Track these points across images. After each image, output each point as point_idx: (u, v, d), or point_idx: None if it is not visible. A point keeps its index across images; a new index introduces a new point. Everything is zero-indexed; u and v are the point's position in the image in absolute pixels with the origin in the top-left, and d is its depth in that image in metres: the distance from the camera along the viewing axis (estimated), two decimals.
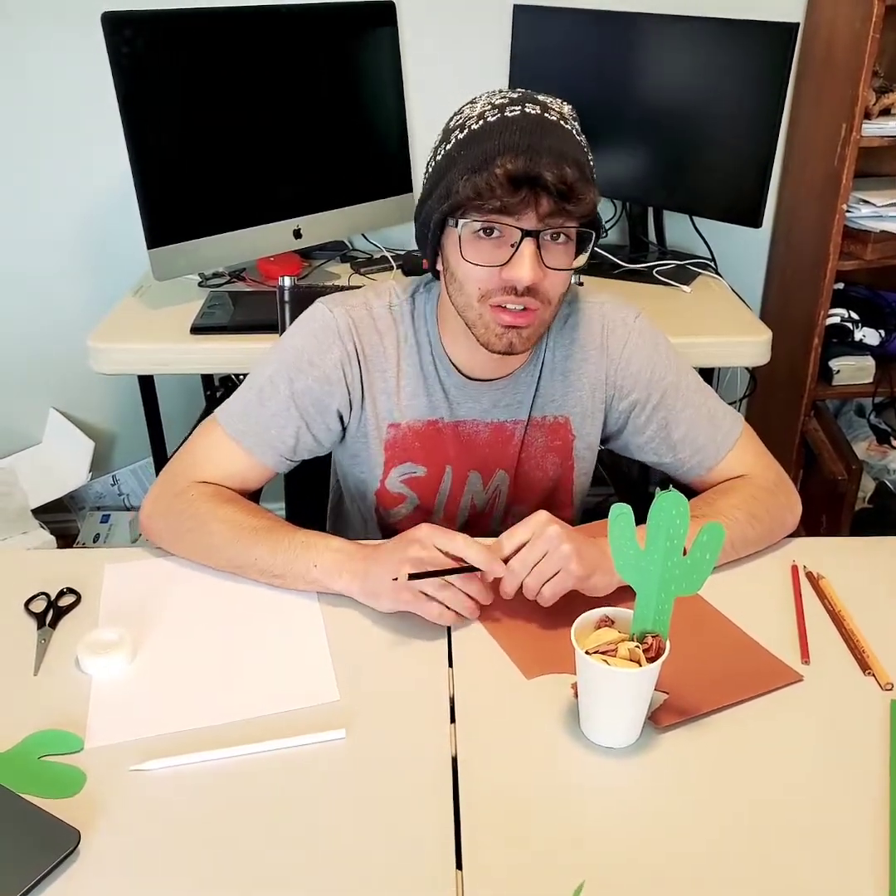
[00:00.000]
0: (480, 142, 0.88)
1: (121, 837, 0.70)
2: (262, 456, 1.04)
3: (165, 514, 1.02)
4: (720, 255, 1.98)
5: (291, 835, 0.70)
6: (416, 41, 1.93)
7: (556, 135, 0.88)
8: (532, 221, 0.88)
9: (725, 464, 1.08)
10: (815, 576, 1.00)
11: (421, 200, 0.97)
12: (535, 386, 1.07)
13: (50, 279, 2.08)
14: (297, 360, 1.02)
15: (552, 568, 0.87)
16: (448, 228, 0.93)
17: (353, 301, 1.05)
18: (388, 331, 1.04)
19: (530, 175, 0.85)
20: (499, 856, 0.69)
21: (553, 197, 0.87)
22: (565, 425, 1.09)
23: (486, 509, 1.13)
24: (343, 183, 1.86)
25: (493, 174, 0.86)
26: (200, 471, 1.03)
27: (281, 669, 0.87)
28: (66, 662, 0.87)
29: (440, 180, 0.92)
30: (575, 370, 1.07)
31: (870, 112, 1.78)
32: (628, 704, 0.76)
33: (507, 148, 0.86)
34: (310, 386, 1.02)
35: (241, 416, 1.04)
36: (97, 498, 2.34)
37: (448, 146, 0.93)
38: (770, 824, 0.71)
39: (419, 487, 1.10)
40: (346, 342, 1.02)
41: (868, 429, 2.22)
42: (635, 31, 1.80)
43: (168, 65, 1.61)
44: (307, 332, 1.03)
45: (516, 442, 1.09)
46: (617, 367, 1.07)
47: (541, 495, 1.13)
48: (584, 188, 0.88)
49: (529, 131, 0.87)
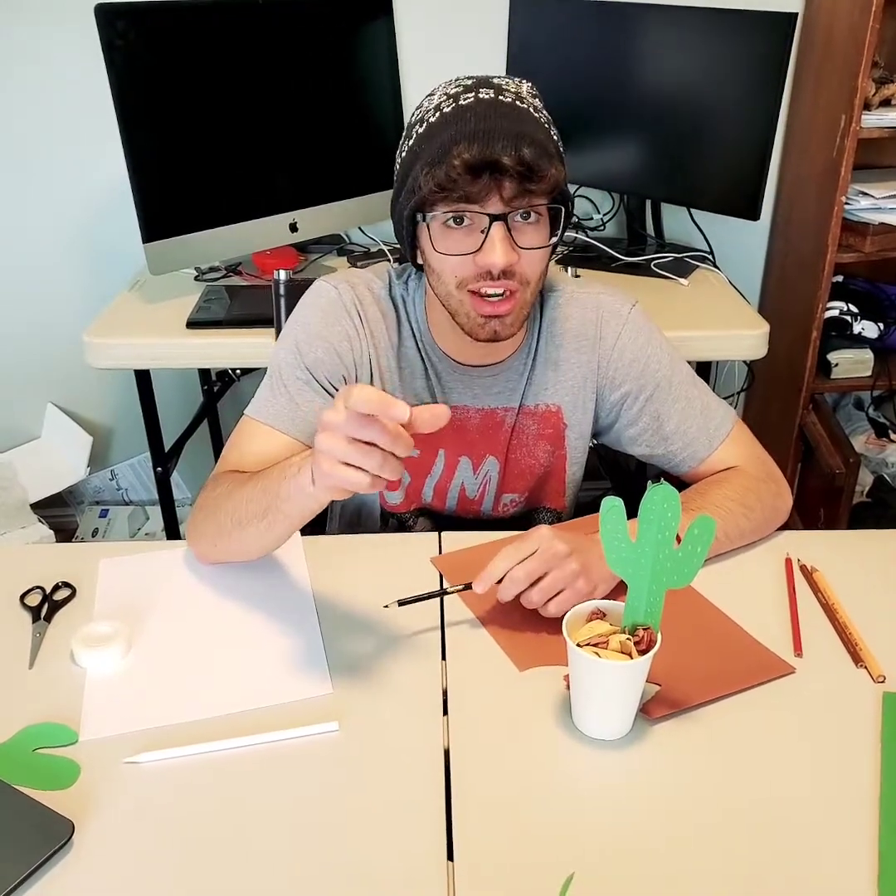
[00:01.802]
0: (438, 134, 0.89)
1: (114, 829, 0.70)
2: (294, 432, 1.02)
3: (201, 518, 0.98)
4: (718, 248, 1.98)
5: (284, 827, 0.71)
6: (413, 32, 1.92)
7: (510, 116, 0.88)
8: (498, 205, 0.89)
9: (717, 456, 1.08)
10: (808, 569, 1.00)
11: (392, 198, 0.98)
12: (527, 374, 1.07)
13: (46, 274, 2.08)
14: (306, 335, 1.03)
15: (558, 586, 0.87)
16: (419, 223, 0.94)
17: (355, 279, 1.06)
18: (388, 311, 1.06)
19: (487, 161, 0.86)
20: (490, 847, 0.69)
21: (514, 179, 0.87)
22: (557, 413, 1.10)
23: (477, 496, 1.14)
24: (339, 176, 1.86)
25: (451, 165, 0.86)
26: (234, 463, 1.01)
27: (274, 662, 0.87)
28: (61, 656, 0.87)
29: (406, 177, 0.93)
30: (568, 360, 1.07)
31: (869, 103, 1.78)
32: (619, 697, 0.76)
33: (462, 136, 0.87)
34: (321, 358, 1.03)
35: (268, 402, 1.03)
36: (96, 492, 2.35)
37: (410, 142, 0.94)
38: (761, 816, 0.72)
39: (410, 467, 1.10)
40: (353, 316, 1.04)
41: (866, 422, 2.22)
42: (633, 20, 1.79)
43: (162, 57, 1.60)
44: (314, 308, 1.04)
45: (507, 429, 1.09)
46: (609, 357, 1.07)
47: (532, 483, 1.14)
48: (545, 165, 0.87)
49: (483, 116, 0.87)
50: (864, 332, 2.01)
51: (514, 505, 1.15)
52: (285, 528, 0.89)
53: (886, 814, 0.71)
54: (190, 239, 1.70)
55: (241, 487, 0.92)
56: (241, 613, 0.93)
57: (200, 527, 0.98)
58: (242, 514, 0.91)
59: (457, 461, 1.11)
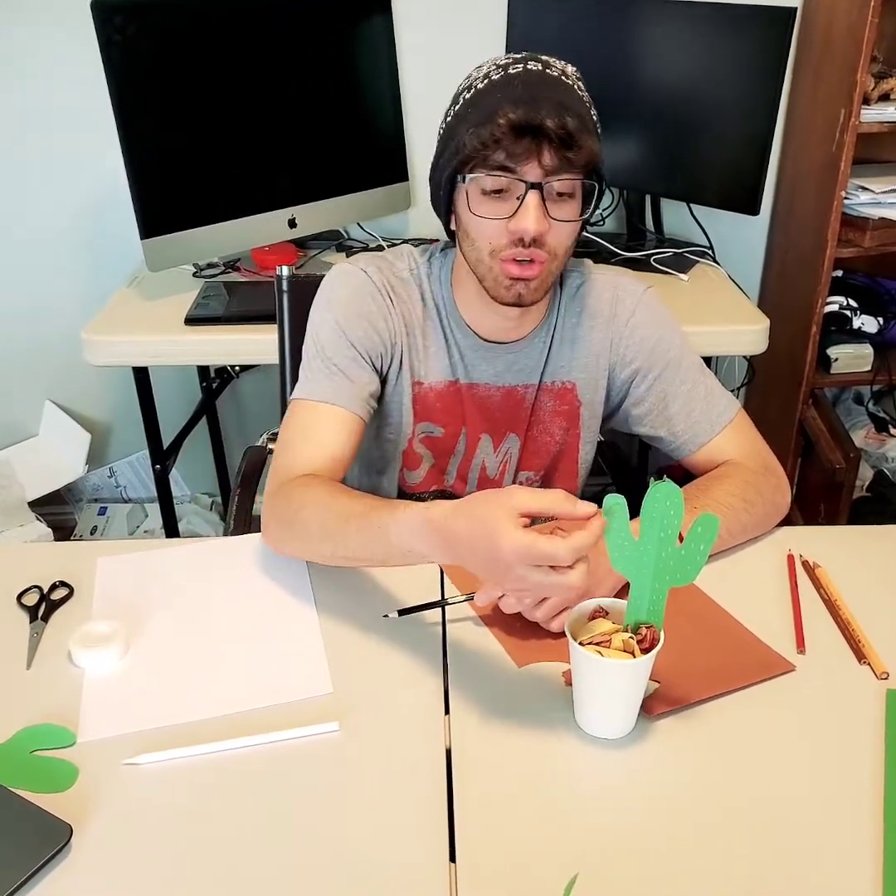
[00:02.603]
0: (485, 98, 0.92)
1: (113, 832, 0.70)
2: (359, 410, 1.02)
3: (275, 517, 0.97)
4: (718, 243, 1.97)
5: (284, 828, 0.70)
6: (411, 28, 1.91)
7: (557, 88, 0.92)
8: (536, 172, 0.91)
9: (718, 442, 1.09)
10: (811, 565, 0.99)
11: (433, 162, 1.00)
12: (546, 351, 1.09)
13: (44, 271, 2.07)
14: (345, 315, 1.04)
15: (563, 605, 0.86)
16: (458, 185, 0.96)
17: (380, 262, 1.08)
18: (412, 292, 1.07)
19: (532, 123, 0.88)
20: (492, 848, 0.68)
21: (555, 144, 0.89)
22: (572, 391, 1.11)
23: (497, 475, 1.15)
24: (338, 172, 1.85)
25: (496, 124, 0.89)
26: (303, 455, 0.99)
27: (274, 662, 0.86)
28: (59, 656, 0.87)
29: (450, 140, 0.96)
30: (583, 337, 1.09)
31: (868, 98, 1.77)
32: (622, 696, 0.76)
33: (509, 100, 0.89)
34: (361, 336, 1.04)
35: (323, 383, 1.02)
36: (94, 490, 2.34)
37: (457, 107, 0.96)
38: (764, 814, 0.71)
39: (435, 448, 1.12)
40: (385, 297, 1.05)
41: (866, 417, 2.21)
42: (632, 16, 1.78)
43: (160, 53, 1.59)
44: (348, 288, 1.05)
45: (527, 406, 1.11)
46: (622, 335, 1.09)
47: (548, 461, 1.15)
48: (586, 137, 0.90)
49: (530, 84, 0.91)
50: (864, 326, 2.00)
51: (529, 484, 1.17)
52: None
53: (891, 812, 0.71)
54: (188, 235, 1.69)
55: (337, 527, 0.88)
56: (240, 612, 0.93)
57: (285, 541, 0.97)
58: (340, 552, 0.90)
59: (478, 438, 1.12)
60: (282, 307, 1.28)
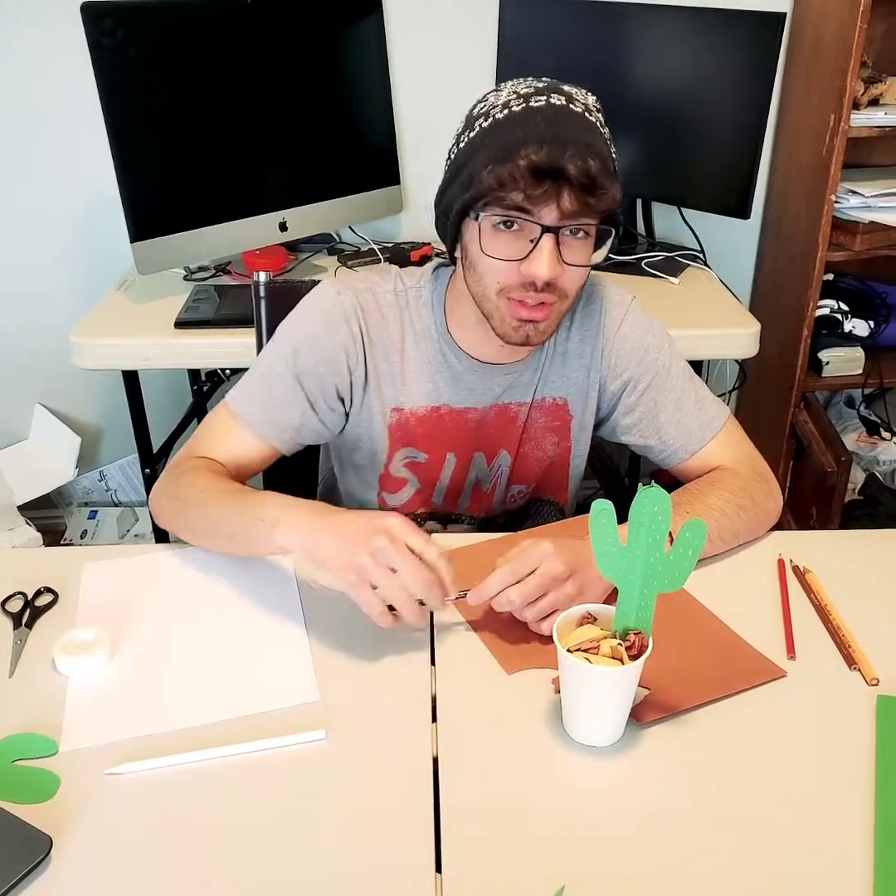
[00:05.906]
0: (505, 131, 0.88)
1: (95, 843, 0.69)
2: (268, 437, 1.03)
3: (164, 494, 1.03)
4: (709, 247, 1.97)
5: (270, 837, 0.69)
6: (403, 31, 1.91)
7: (580, 126, 0.88)
8: (553, 215, 0.88)
9: (708, 450, 1.08)
10: (801, 570, 0.99)
11: (442, 187, 0.97)
12: (540, 369, 1.08)
13: (33, 274, 2.06)
14: (303, 341, 1.03)
15: (554, 607, 0.85)
16: (468, 219, 0.93)
17: (360, 285, 1.05)
18: (393, 316, 1.04)
19: (554, 167, 0.85)
20: (479, 859, 0.68)
21: (576, 190, 0.86)
22: (564, 406, 1.10)
23: (489, 488, 1.15)
24: (329, 175, 1.85)
25: (516, 165, 0.85)
26: (204, 451, 1.04)
27: (260, 669, 0.85)
28: (43, 663, 0.86)
29: (461, 168, 0.92)
30: (573, 351, 1.08)
31: (858, 102, 1.77)
32: (610, 703, 0.75)
33: (531, 139, 0.85)
34: (315, 366, 1.02)
35: (247, 397, 1.04)
36: (84, 494, 2.33)
37: (472, 133, 0.92)
38: (755, 821, 0.71)
39: (420, 472, 1.11)
40: (352, 325, 1.02)
41: (858, 420, 2.22)
42: (623, 20, 1.78)
43: (150, 56, 1.59)
44: (314, 313, 1.04)
45: (520, 423, 1.10)
46: (612, 346, 1.08)
47: (538, 475, 1.15)
48: (607, 182, 0.87)
49: (554, 122, 0.87)
50: (855, 330, 2.01)
51: (521, 496, 1.17)
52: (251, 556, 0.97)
53: (882, 818, 0.70)
54: (178, 238, 1.68)
55: (216, 501, 0.96)
56: (226, 619, 0.92)
57: (168, 515, 1.02)
58: (211, 528, 0.97)
59: (471, 457, 1.11)
60: (259, 313, 1.27)
